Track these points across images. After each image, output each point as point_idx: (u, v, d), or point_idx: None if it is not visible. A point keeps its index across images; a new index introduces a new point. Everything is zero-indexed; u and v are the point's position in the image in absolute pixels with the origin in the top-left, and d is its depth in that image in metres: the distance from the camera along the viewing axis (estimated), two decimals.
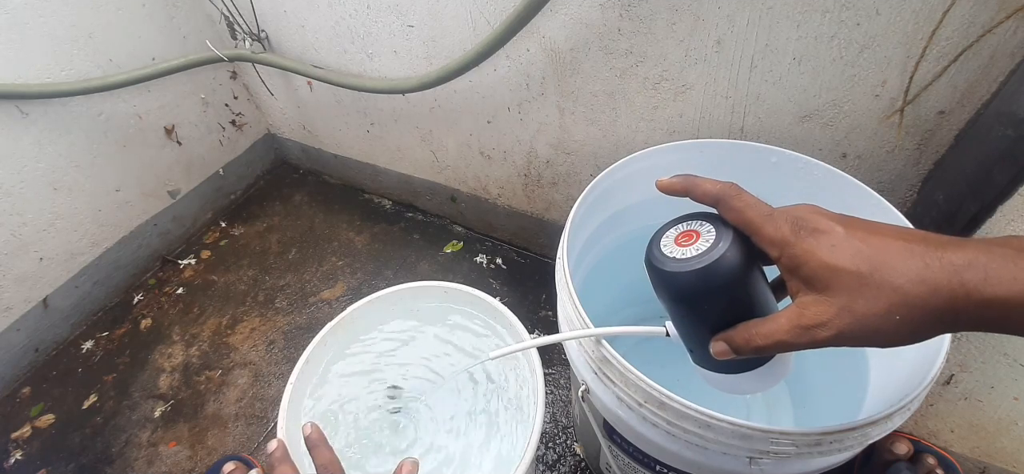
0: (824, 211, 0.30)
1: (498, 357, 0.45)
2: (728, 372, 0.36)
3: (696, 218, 0.34)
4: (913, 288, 0.26)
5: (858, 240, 0.28)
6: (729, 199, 0.31)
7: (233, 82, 1.23)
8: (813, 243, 0.28)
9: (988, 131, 0.48)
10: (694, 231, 0.33)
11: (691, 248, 0.32)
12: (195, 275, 1.15)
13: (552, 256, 0.98)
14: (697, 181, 0.33)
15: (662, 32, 0.61)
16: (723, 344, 0.32)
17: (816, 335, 0.28)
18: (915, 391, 0.37)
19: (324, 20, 0.91)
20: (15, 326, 0.97)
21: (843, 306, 0.27)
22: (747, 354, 0.31)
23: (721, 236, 0.32)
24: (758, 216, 0.30)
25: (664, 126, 0.69)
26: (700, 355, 0.36)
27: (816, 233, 0.29)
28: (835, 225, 0.29)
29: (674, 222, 0.35)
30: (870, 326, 0.27)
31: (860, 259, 0.27)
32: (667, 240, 0.34)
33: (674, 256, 0.32)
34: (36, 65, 0.89)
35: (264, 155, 1.38)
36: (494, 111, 0.85)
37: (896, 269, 0.26)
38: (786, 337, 0.29)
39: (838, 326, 0.27)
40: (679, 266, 0.32)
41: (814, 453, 0.37)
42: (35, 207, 0.95)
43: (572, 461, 0.77)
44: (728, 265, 0.31)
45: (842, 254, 0.27)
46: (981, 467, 0.64)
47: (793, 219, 0.29)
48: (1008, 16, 0.44)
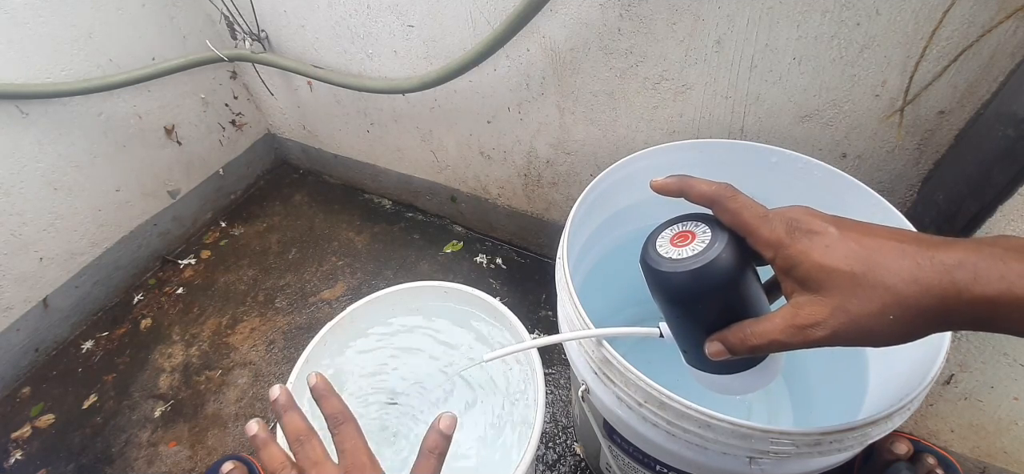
0: (818, 212, 0.30)
1: (493, 359, 0.45)
2: (721, 372, 0.36)
3: (691, 219, 0.35)
4: (906, 288, 0.26)
5: (852, 241, 0.28)
6: (724, 200, 0.32)
7: (233, 82, 1.23)
8: (807, 244, 0.29)
9: (988, 131, 0.48)
10: (690, 232, 0.33)
11: (687, 249, 0.32)
12: (195, 275, 1.15)
13: (552, 256, 0.98)
14: (692, 182, 0.33)
15: (662, 32, 0.61)
16: (718, 344, 0.32)
17: (810, 335, 0.28)
18: (915, 391, 0.37)
19: (324, 20, 0.91)
20: (15, 326, 0.97)
21: (837, 306, 0.27)
22: (742, 354, 0.31)
23: (716, 237, 0.32)
24: (753, 217, 0.31)
25: (664, 126, 0.69)
26: (694, 355, 0.36)
27: (810, 234, 0.29)
28: (829, 226, 0.29)
29: (669, 223, 0.35)
30: (864, 326, 0.27)
31: (854, 259, 0.27)
32: (662, 240, 0.34)
33: (670, 256, 0.33)
34: (36, 65, 0.89)
35: (264, 155, 1.38)
36: (494, 111, 0.85)
37: (889, 269, 0.27)
38: (781, 337, 0.29)
39: (832, 326, 0.28)
40: (675, 266, 0.32)
41: (814, 453, 0.37)
42: (35, 207, 0.95)
43: (572, 461, 0.77)
44: (723, 266, 0.31)
45: (836, 255, 0.28)
46: (981, 467, 0.64)
47: (788, 220, 0.30)
48: (1008, 16, 0.44)
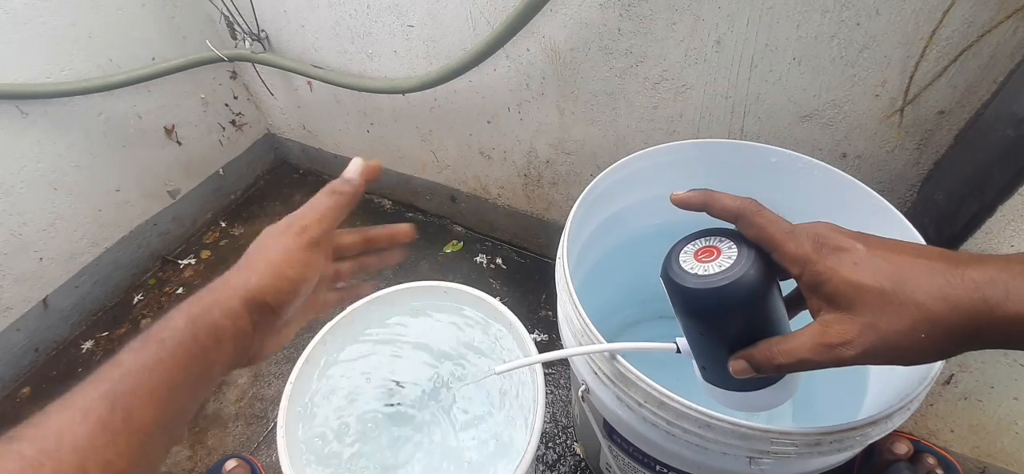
0: (844, 229, 0.30)
1: (505, 372, 0.45)
2: (740, 390, 0.35)
3: (714, 234, 0.34)
4: (936, 305, 0.26)
5: (880, 258, 0.28)
6: (750, 215, 0.31)
7: (233, 82, 1.23)
8: (835, 261, 0.28)
9: (988, 131, 0.48)
10: (714, 247, 0.33)
11: (713, 264, 0.32)
12: (195, 275, 1.15)
13: (552, 256, 0.98)
14: (716, 196, 0.33)
15: (662, 32, 0.61)
16: (743, 362, 0.32)
17: (840, 354, 0.28)
18: (915, 391, 0.37)
19: (324, 20, 0.91)
20: (15, 326, 0.97)
21: (867, 324, 0.27)
22: (768, 372, 0.31)
23: (743, 253, 0.31)
24: (780, 232, 0.30)
25: (664, 126, 0.69)
26: (713, 372, 0.35)
27: (838, 251, 0.28)
28: (856, 243, 0.28)
29: (691, 237, 0.35)
30: (894, 344, 0.26)
31: (882, 276, 0.27)
32: (686, 255, 0.34)
33: (696, 273, 0.32)
34: (36, 65, 0.89)
35: (264, 155, 1.38)
36: (494, 111, 0.85)
37: (919, 286, 0.26)
38: (809, 355, 0.29)
39: (862, 344, 0.27)
40: (701, 283, 0.31)
41: (814, 453, 0.37)
42: (35, 207, 0.95)
43: (572, 461, 0.77)
44: (751, 283, 0.30)
45: (865, 271, 0.27)
46: (981, 467, 0.64)
47: (814, 237, 0.29)
48: (1008, 16, 0.44)
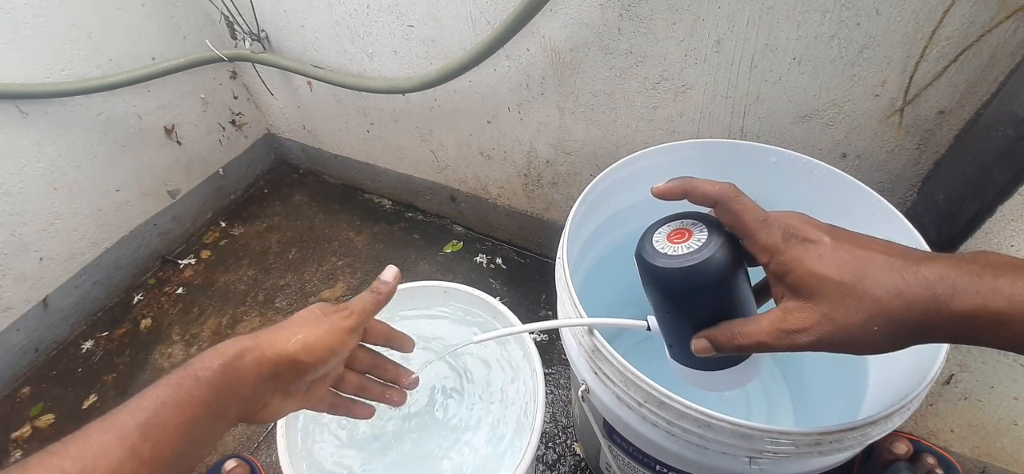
0: (814, 221, 0.31)
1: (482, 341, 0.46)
2: (703, 368, 0.37)
3: (689, 217, 0.35)
4: (890, 301, 0.27)
5: (844, 251, 0.29)
6: (728, 201, 0.32)
7: (233, 82, 1.23)
8: (802, 251, 0.29)
9: (988, 131, 0.48)
10: (687, 229, 0.34)
11: (683, 246, 0.33)
12: (195, 275, 1.15)
13: (552, 256, 0.98)
14: (695, 182, 0.33)
15: (662, 32, 0.61)
16: (705, 341, 0.33)
17: (796, 340, 0.29)
18: (915, 391, 0.38)
19: (324, 20, 0.91)
20: (15, 326, 0.97)
21: (825, 314, 0.28)
22: (728, 352, 0.32)
23: (712, 236, 0.33)
24: (754, 221, 0.31)
25: (664, 126, 0.69)
26: (679, 350, 0.37)
27: (805, 242, 0.29)
28: (824, 235, 0.30)
29: (666, 219, 0.36)
30: (848, 335, 0.28)
31: (845, 270, 0.28)
32: (659, 237, 0.35)
33: (665, 252, 0.33)
34: (36, 65, 0.89)
35: (264, 155, 1.38)
36: (494, 111, 0.85)
37: (877, 281, 0.27)
38: (767, 339, 0.30)
39: (818, 333, 0.28)
40: (670, 262, 0.32)
41: (814, 453, 0.37)
42: (35, 207, 0.95)
43: (572, 461, 0.77)
44: (717, 265, 0.32)
45: (828, 264, 0.28)
46: (981, 467, 0.64)
47: (785, 227, 0.30)
48: (1008, 16, 0.44)
